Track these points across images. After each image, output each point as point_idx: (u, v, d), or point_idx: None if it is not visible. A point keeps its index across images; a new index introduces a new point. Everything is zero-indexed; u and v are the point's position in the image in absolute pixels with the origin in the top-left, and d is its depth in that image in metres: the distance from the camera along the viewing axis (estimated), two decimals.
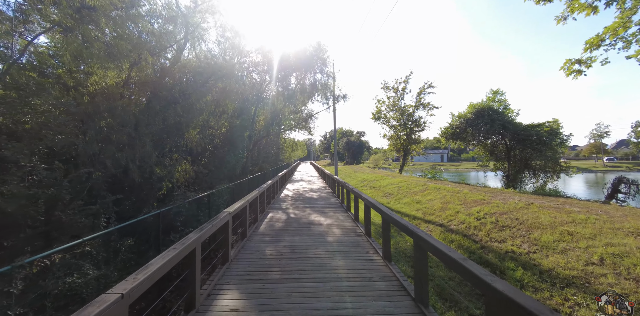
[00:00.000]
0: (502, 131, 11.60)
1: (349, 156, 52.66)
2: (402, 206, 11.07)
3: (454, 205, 8.88)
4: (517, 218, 6.40)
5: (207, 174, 12.78)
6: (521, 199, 7.89)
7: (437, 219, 8.38)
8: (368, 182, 19.02)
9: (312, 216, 7.92)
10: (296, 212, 8.45)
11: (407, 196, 12.08)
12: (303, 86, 18.28)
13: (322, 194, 12.59)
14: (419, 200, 10.94)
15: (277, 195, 12.24)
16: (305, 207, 9.31)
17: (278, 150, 35.22)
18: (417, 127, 25.04)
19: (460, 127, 12.93)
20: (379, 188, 15.79)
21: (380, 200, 13.26)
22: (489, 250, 5.74)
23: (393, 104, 25.37)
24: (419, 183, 13.73)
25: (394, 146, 26.13)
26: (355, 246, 5.14)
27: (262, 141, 23.98)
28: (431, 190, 11.81)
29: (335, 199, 10.97)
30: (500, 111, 12.11)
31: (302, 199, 11.27)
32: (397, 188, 14.14)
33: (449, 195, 10.22)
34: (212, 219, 3.89)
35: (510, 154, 12.46)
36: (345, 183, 8.95)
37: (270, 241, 5.46)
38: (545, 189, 13.14)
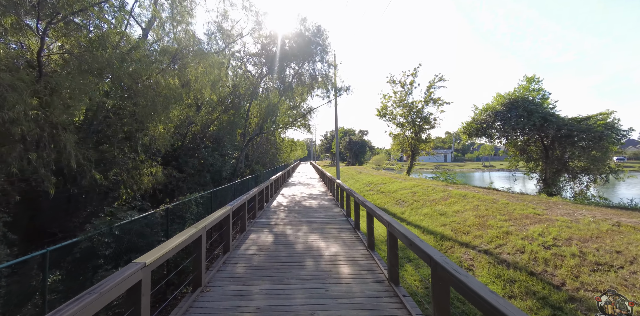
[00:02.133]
0: (544, 124, 9.45)
1: (351, 156, 50.48)
2: (421, 219, 8.94)
3: (495, 221, 6.74)
4: (617, 249, 4.26)
5: (184, 178, 10.67)
6: (596, 216, 5.75)
7: (476, 241, 6.23)
8: (374, 185, 16.87)
9: (310, 238, 5.80)
10: (288, 232, 6.32)
11: (426, 206, 9.94)
12: (301, 77, 16.16)
13: (322, 202, 10.46)
14: (442, 211, 8.80)
15: (268, 204, 10.12)
16: (301, 223, 7.19)
17: (276, 150, 33.13)
18: (426, 125, 22.89)
19: (487, 121, 10.80)
20: (388, 194, 13.65)
21: (393, 209, 11.12)
22: (588, 307, 3.60)
23: (400, 99, 23.22)
24: (437, 188, 11.58)
25: (400, 145, 23.99)
26: (377, 309, 3.01)
27: (256, 140, 21.90)
28: (456, 198, 9.67)
29: (338, 210, 8.84)
30: (538, 102, 9.97)
31: (299, 210, 9.15)
32: (410, 193, 11.99)
33: (483, 206, 8.08)
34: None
35: (548, 153, 10.34)
36: (353, 191, 6.82)
37: (238, 296, 3.34)
38: (587, 196, 11.00)
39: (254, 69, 18.69)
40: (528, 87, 10.51)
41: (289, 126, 22.44)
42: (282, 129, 21.11)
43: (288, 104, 19.81)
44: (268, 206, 9.70)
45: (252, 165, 17.72)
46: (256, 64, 18.04)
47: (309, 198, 11.78)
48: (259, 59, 17.49)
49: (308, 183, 18.77)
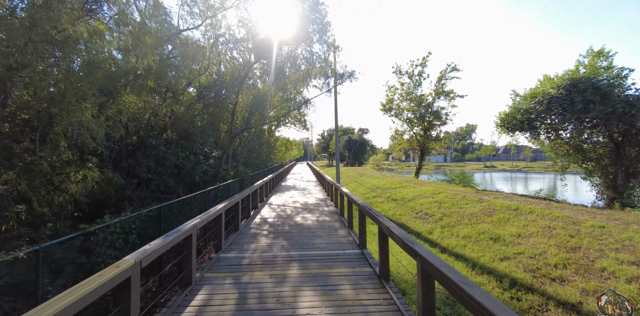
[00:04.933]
0: (628, 112, 6.91)
1: (350, 156, 47.80)
2: (462, 245, 6.33)
3: (610, 261, 4.15)
4: None
5: (136, 185, 7.96)
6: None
7: (590, 300, 3.63)
8: (382, 190, 14.27)
9: (304, 299, 3.17)
10: (267, 285, 3.66)
11: (463, 222, 7.35)
12: (295, 61, 13.50)
13: (322, 218, 7.82)
14: (494, 234, 6.20)
15: (249, 221, 7.45)
16: (290, 260, 4.53)
17: (269, 149, 30.43)
18: (437, 121, 20.37)
19: (536, 110, 8.22)
20: (402, 202, 11.04)
21: (415, 226, 8.51)
22: None
23: (407, 92, 20.67)
24: (468, 197, 9.02)
25: (408, 144, 21.44)
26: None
27: (244, 137, 19.19)
28: (504, 212, 7.09)
29: (345, 233, 6.20)
30: (613, 83, 7.44)
31: (289, 231, 6.50)
32: (434, 203, 9.40)
33: (561, 229, 5.51)
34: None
35: (620, 151, 7.84)
36: (377, 212, 4.17)
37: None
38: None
39: (240, 56, 16.03)
40: (594, 63, 7.98)
41: (281, 121, 19.79)
42: (272, 124, 18.42)
43: (280, 96, 17.14)
44: (248, 224, 7.04)
45: (238, 167, 15.02)
46: (242, 50, 15.39)
47: (303, 209, 9.14)
48: (245, 45, 14.84)
49: (304, 187, 16.10)
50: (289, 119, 21.58)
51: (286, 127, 26.38)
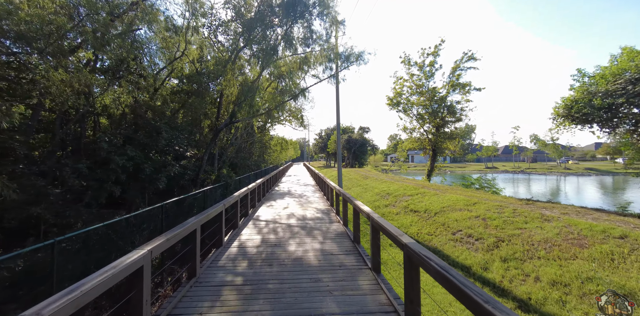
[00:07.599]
0: None
1: (350, 157, 45.37)
2: (555, 299, 3.96)
3: None
4: None
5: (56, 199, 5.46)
6: None
7: None
8: (395, 198, 11.90)
9: None
10: None
11: (536, 256, 4.98)
12: (291, 42, 11.09)
13: (329, 247, 5.39)
14: (612, 284, 3.84)
15: (217, 255, 4.99)
16: None
17: (263, 149, 27.94)
18: (451, 117, 18.09)
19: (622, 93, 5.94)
20: (427, 216, 8.66)
21: (457, 254, 6.11)
22: None
23: (417, 85, 18.37)
24: (521, 211, 6.68)
25: (418, 143, 19.14)
26: None
27: (232, 133, 16.74)
28: (602, 240, 4.75)
29: (369, 280, 3.79)
30: None
31: (278, 273, 4.06)
32: (476, 220, 7.03)
33: None
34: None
35: None
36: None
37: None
38: None
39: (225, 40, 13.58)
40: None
41: (275, 118, 17.33)
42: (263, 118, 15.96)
43: (274, 87, 14.71)
44: (216, 260, 4.61)
45: (221, 169, 12.54)
46: (229, 33, 12.97)
47: (301, 228, 6.72)
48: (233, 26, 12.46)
49: (301, 193, 13.65)
50: (284, 115, 19.13)
51: (282, 125, 23.94)
